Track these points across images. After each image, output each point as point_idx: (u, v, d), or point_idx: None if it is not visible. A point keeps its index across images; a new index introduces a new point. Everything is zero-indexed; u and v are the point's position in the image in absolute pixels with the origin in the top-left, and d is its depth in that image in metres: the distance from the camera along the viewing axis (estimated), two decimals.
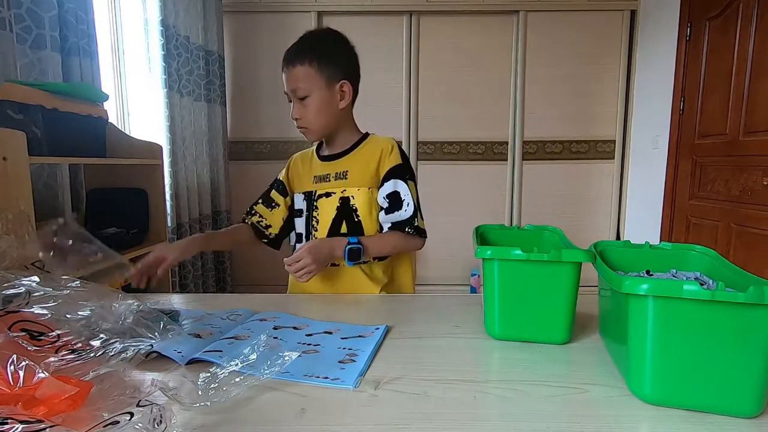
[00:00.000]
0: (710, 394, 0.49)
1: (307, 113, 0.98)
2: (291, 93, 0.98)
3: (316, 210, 1.05)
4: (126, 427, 0.35)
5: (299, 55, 0.96)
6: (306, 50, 0.97)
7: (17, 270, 0.77)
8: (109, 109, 1.64)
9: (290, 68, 0.97)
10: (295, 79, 0.96)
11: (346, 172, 1.04)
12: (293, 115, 0.99)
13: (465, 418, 0.49)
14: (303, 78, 0.96)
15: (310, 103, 0.97)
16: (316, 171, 1.08)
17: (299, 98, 0.97)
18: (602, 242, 0.73)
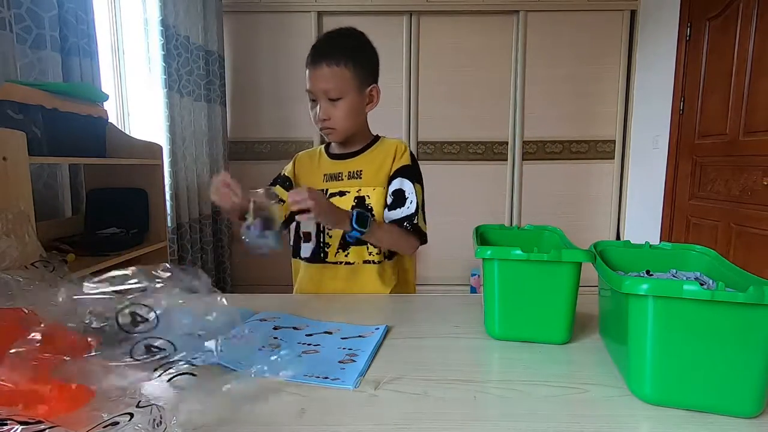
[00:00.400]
0: (710, 394, 0.49)
1: (336, 115, 0.96)
2: (320, 93, 0.94)
3: None
4: (126, 427, 0.35)
5: (333, 56, 0.93)
6: (341, 51, 0.94)
7: (19, 270, 0.77)
8: (109, 109, 1.64)
9: (321, 67, 0.93)
10: (328, 79, 0.93)
11: (360, 172, 1.03)
12: (321, 115, 0.95)
13: (465, 418, 0.49)
14: (337, 79, 0.94)
15: (341, 105, 0.95)
16: (326, 169, 1.06)
17: (330, 99, 0.95)
18: (602, 242, 0.73)
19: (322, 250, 1.04)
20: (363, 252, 1.02)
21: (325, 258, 1.03)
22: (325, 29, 2.87)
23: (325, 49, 0.95)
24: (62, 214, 1.58)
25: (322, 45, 0.96)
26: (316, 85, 0.95)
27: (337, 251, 1.03)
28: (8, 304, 0.65)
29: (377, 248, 1.02)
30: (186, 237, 2.36)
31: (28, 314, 0.60)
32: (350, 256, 1.02)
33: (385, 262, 1.04)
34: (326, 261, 1.03)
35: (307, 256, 1.05)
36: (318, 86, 0.94)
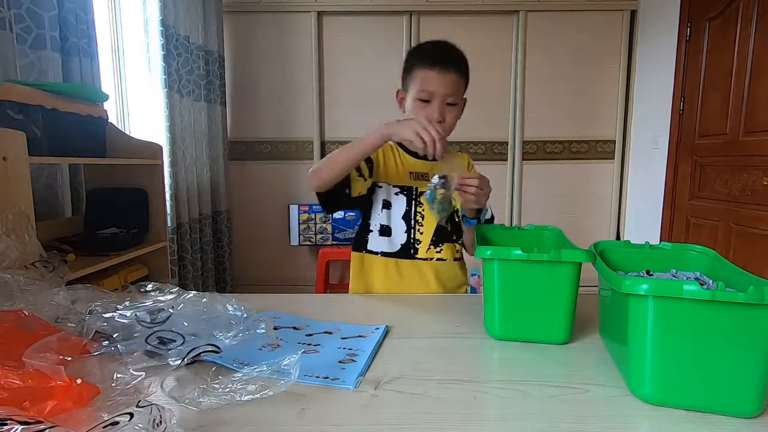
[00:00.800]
0: (710, 394, 0.49)
1: (449, 119, 1.00)
2: (442, 96, 0.97)
3: (420, 206, 1.06)
4: (126, 427, 0.35)
5: (459, 65, 0.98)
6: (463, 62, 1.00)
7: (19, 270, 0.77)
8: (109, 109, 1.64)
9: (450, 73, 0.97)
10: (452, 85, 0.97)
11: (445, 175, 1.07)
12: (438, 116, 0.97)
13: (465, 418, 0.49)
14: (458, 87, 0.99)
15: (454, 111, 1.00)
16: (411, 167, 1.08)
17: (447, 104, 0.98)
18: (602, 242, 0.73)
19: (413, 246, 1.06)
20: (452, 250, 1.08)
21: (415, 254, 1.06)
22: (325, 29, 2.90)
23: (454, 57, 0.99)
24: (62, 214, 1.58)
25: (450, 52, 1.00)
26: (440, 87, 0.97)
27: (429, 247, 1.06)
28: (8, 304, 0.65)
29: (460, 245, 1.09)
30: (186, 237, 2.36)
31: (28, 315, 0.60)
32: (443, 252, 1.07)
33: (462, 262, 1.12)
34: (416, 257, 1.06)
35: (394, 251, 1.06)
36: (443, 89, 0.97)
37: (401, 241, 1.06)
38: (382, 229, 1.07)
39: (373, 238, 1.08)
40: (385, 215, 1.07)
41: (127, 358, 0.53)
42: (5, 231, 0.88)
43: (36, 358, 0.46)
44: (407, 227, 1.06)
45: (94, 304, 0.66)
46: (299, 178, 3.02)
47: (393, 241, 1.06)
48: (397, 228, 1.06)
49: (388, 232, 1.07)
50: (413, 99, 1.00)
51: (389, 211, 1.07)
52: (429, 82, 0.97)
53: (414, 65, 1.00)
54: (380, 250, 1.07)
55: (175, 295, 0.67)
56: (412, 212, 1.06)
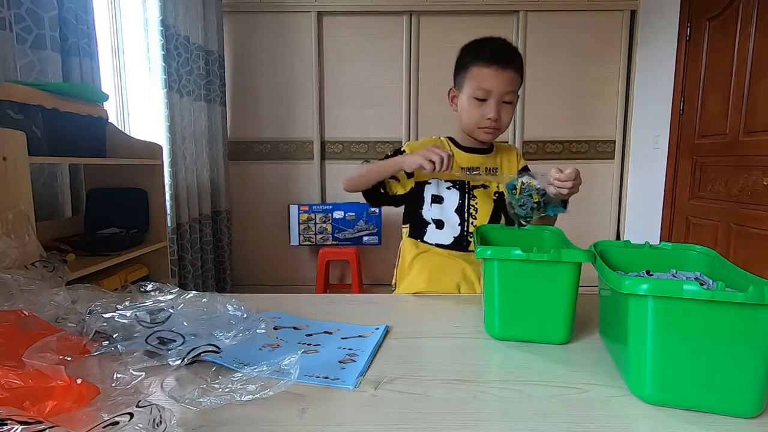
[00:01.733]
0: (710, 394, 0.49)
1: (505, 117, 1.01)
2: (500, 94, 0.98)
3: (474, 199, 1.08)
4: (126, 427, 0.35)
5: (516, 64, 0.99)
6: (518, 60, 1.00)
7: (19, 270, 0.77)
8: (109, 109, 1.64)
9: (509, 71, 0.98)
10: (510, 83, 0.98)
11: (495, 168, 1.11)
12: (493, 115, 0.99)
13: (465, 418, 0.49)
14: (515, 85, 1.00)
15: (510, 109, 1.01)
16: (462, 162, 1.09)
17: (504, 101, 0.99)
18: (602, 242, 0.73)
19: (465, 238, 1.07)
20: None
21: (468, 246, 1.07)
22: (325, 29, 2.90)
23: (511, 55, 1.00)
24: (62, 214, 1.58)
25: (508, 50, 1.01)
26: (499, 85, 0.98)
27: None
28: (8, 304, 0.65)
29: None
30: (186, 237, 2.36)
31: (28, 315, 0.60)
32: None
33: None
34: (468, 250, 1.07)
35: (448, 243, 1.07)
36: (501, 87, 0.98)
37: (455, 234, 1.07)
38: (435, 222, 1.09)
39: (430, 230, 1.09)
40: (437, 209, 1.08)
41: (127, 358, 0.53)
42: (5, 231, 0.88)
43: (36, 358, 0.46)
44: (461, 220, 1.07)
45: (94, 304, 0.66)
46: (299, 178, 3.02)
47: (446, 233, 1.08)
48: (450, 221, 1.08)
49: (440, 225, 1.08)
50: (468, 97, 1.01)
51: (441, 205, 1.08)
52: (486, 79, 0.98)
53: (470, 63, 1.01)
54: (435, 242, 1.08)
55: (175, 295, 0.67)
56: (466, 205, 1.07)
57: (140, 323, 0.59)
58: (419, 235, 1.10)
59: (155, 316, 0.61)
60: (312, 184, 3.00)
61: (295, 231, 2.89)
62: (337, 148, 3.00)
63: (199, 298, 0.66)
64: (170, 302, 0.64)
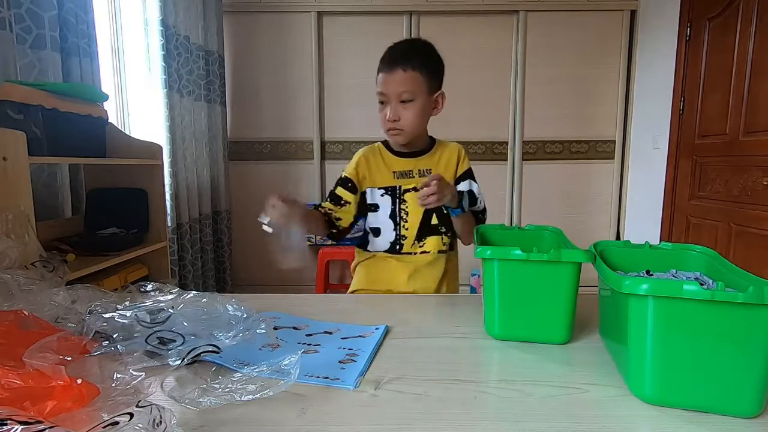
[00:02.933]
0: (710, 394, 0.49)
1: (406, 117, 1.01)
2: (393, 95, 0.99)
3: (404, 203, 1.10)
4: (126, 427, 0.35)
5: (409, 61, 0.99)
6: (415, 57, 1.00)
7: (19, 270, 0.77)
8: (109, 109, 1.64)
9: (397, 71, 0.99)
10: (402, 83, 0.99)
11: (430, 170, 1.11)
12: (390, 116, 1.00)
13: (465, 418, 0.49)
14: (411, 82, 0.99)
15: (411, 107, 1.01)
16: (394, 166, 1.11)
17: (402, 101, 1.00)
18: (602, 242, 0.73)
19: (398, 242, 1.09)
20: (438, 242, 1.10)
21: (401, 249, 1.09)
22: (325, 29, 2.90)
23: (401, 55, 1.01)
24: (62, 214, 1.58)
25: (398, 51, 1.02)
26: (390, 87, 1.00)
27: (413, 243, 1.09)
28: (8, 305, 0.65)
29: (448, 238, 1.11)
30: (186, 237, 2.36)
31: (28, 316, 0.60)
32: (426, 246, 1.09)
33: (450, 253, 1.13)
34: (402, 252, 1.09)
35: (385, 249, 1.11)
36: (392, 89, 1.00)
37: (390, 239, 1.10)
38: (373, 231, 1.13)
39: (370, 239, 1.14)
40: (373, 217, 1.12)
41: (127, 358, 0.53)
42: (5, 231, 0.88)
43: (36, 358, 0.46)
44: (394, 225, 1.10)
45: (94, 304, 0.66)
46: (299, 178, 3.02)
47: (382, 240, 1.11)
48: (385, 227, 1.11)
49: (377, 232, 1.12)
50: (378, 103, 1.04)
51: (376, 213, 1.11)
52: (381, 83, 1.01)
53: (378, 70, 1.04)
54: (374, 250, 1.12)
55: (175, 295, 0.67)
56: (397, 210, 1.10)
57: (140, 323, 0.59)
58: (363, 244, 1.15)
59: (155, 316, 0.61)
60: (312, 184, 3.00)
61: (295, 232, 2.88)
62: (337, 148, 3.00)
63: (199, 298, 0.66)
64: (170, 302, 0.64)
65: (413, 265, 1.09)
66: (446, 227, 1.10)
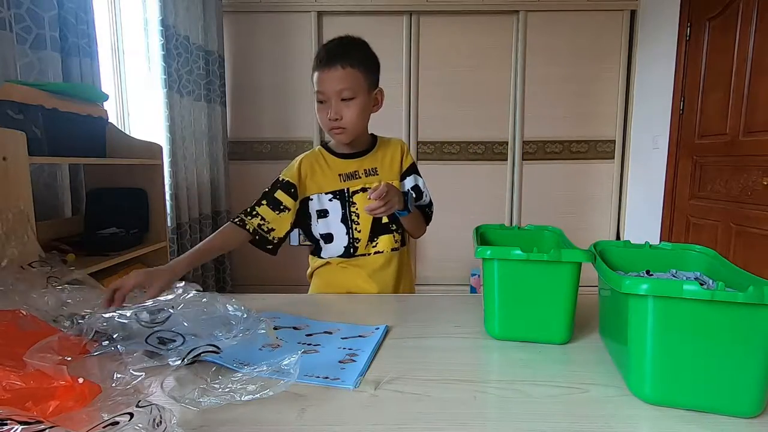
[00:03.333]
0: (710, 394, 0.49)
1: (348, 115, 0.98)
2: (333, 93, 0.97)
3: (353, 206, 1.07)
4: (126, 427, 0.35)
5: (347, 58, 0.97)
6: (352, 54, 0.98)
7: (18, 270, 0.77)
8: (109, 109, 1.64)
9: (336, 69, 0.96)
10: (342, 80, 0.96)
11: (375, 168, 1.09)
12: (333, 115, 0.97)
13: (465, 418, 0.49)
14: (351, 80, 0.97)
15: (353, 105, 0.98)
16: (339, 169, 1.09)
17: (343, 99, 0.97)
18: (602, 242, 0.73)
19: (352, 245, 1.07)
20: (390, 240, 1.09)
21: (355, 252, 1.07)
22: (325, 29, 2.90)
23: (338, 52, 0.98)
24: (62, 214, 1.58)
25: (334, 48, 0.99)
26: (329, 85, 0.97)
27: (367, 244, 1.08)
28: (6, 305, 0.65)
29: (399, 234, 1.10)
30: (186, 237, 2.36)
31: (26, 315, 0.60)
32: (379, 245, 1.08)
33: (402, 249, 1.12)
34: (356, 255, 1.07)
35: (340, 254, 1.08)
36: (331, 87, 0.97)
37: (343, 244, 1.07)
38: (323, 237, 1.09)
39: (322, 246, 1.10)
40: (323, 224, 1.08)
41: (127, 358, 0.53)
42: (5, 231, 0.88)
43: (37, 358, 0.46)
44: (346, 229, 1.07)
45: (94, 304, 0.66)
46: None
47: (336, 245, 1.08)
48: (337, 232, 1.08)
49: (330, 238, 1.08)
50: (316, 102, 1.02)
51: (326, 219, 1.08)
52: (319, 82, 0.99)
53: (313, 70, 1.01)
54: (335, 255, 1.08)
55: (175, 295, 0.67)
56: (348, 213, 1.07)
57: (140, 323, 0.59)
58: (316, 251, 1.12)
59: (155, 316, 0.61)
60: None
61: (295, 231, 2.88)
62: None
63: (199, 298, 0.66)
64: (170, 302, 0.64)
65: (369, 267, 1.07)
66: (396, 224, 1.09)
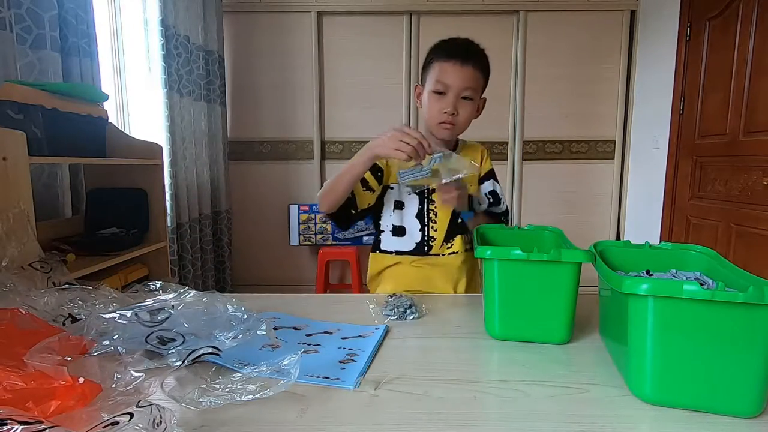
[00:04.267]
0: (710, 394, 0.49)
1: (463, 113, 1.00)
2: (458, 89, 0.97)
3: (432, 203, 1.07)
4: (126, 427, 0.35)
5: (479, 61, 0.99)
6: (482, 59, 1.01)
7: (18, 270, 0.77)
8: (109, 109, 1.64)
9: (468, 67, 0.97)
10: (470, 79, 0.98)
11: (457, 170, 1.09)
12: (451, 109, 0.97)
13: (465, 418, 0.49)
14: (476, 81, 0.99)
15: (469, 106, 1.00)
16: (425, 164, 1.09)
17: (463, 97, 0.98)
18: (602, 242, 0.73)
19: (427, 243, 1.07)
20: (463, 241, 1.09)
21: (429, 251, 1.07)
22: (325, 29, 2.90)
23: (474, 51, 1.00)
24: (62, 214, 1.58)
25: (470, 46, 1.01)
26: (457, 80, 0.97)
27: (442, 243, 1.07)
28: (6, 305, 0.65)
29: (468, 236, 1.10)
30: (186, 237, 2.36)
31: (25, 314, 0.60)
32: (454, 246, 1.08)
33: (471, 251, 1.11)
34: (430, 254, 1.06)
35: (408, 249, 1.07)
36: (459, 82, 0.97)
37: (416, 240, 1.07)
38: (394, 229, 1.08)
39: (385, 238, 1.09)
40: (398, 216, 1.08)
41: (127, 358, 0.53)
42: (5, 231, 0.88)
43: (38, 359, 0.46)
44: (421, 226, 1.07)
45: (94, 303, 0.66)
46: (299, 178, 3.02)
47: (407, 240, 1.07)
48: (410, 227, 1.07)
49: (401, 232, 1.08)
50: (429, 92, 1.01)
51: (402, 211, 1.07)
52: (445, 74, 0.98)
53: (433, 59, 1.01)
54: (394, 250, 1.08)
55: (176, 294, 0.67)
56: (425, 210, 1.07)
57: (140, 323, 0.59)
58: (376, 246, 1.11)
59: (155, 316, 0.61)
60: (312, 184, 3.00)
61: (295, 231, 2.89)
62: (337, 148, 3.00)
63: (199, 298, 0.66)
64: (170, 302, 0.64)
65: (446, 266, 1.07)
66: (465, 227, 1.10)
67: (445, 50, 1.00)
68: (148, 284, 0.73)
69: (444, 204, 0.97)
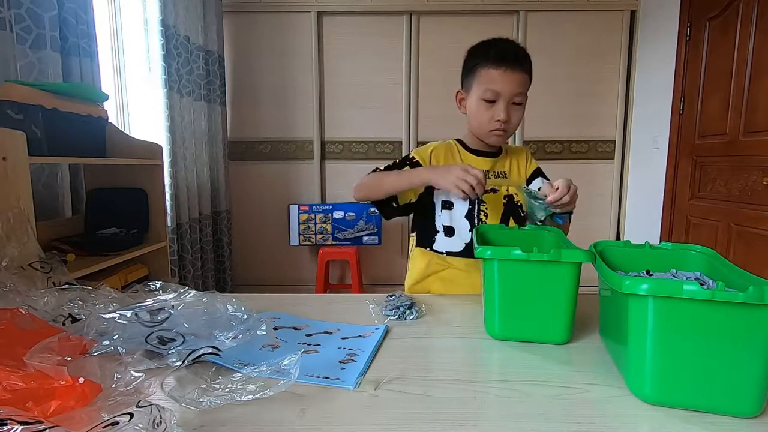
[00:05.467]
0: (710, 394, 0.49)
1: (514, 119, 0.99)
2: (510, 95, 0.97)
3: (483, 204, 1.06)
4: (126, 427, 0.35)
5: (526, 64, 0.98)
6: (526, 60, 1.00)
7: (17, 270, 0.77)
8: (109, 109, 1.64)
9: (517, 72, 0.97)
10: (521, 84, 0.98)
11: (504, 172, 1.09)
12: (504, 117, 0.96)
13: (465, 418, 0.49)
14: (525, 85, 0.99)
15: (520, 110, 1.00)
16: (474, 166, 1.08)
17: (513, 103, 0.98)
18: (602, 242, 0.73)
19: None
20: None
21: None
22: (325, 29, 2.90)
23: (521, 55, 0.99)
24: (62, 214, 1.58)
25: (518, 51, 1.00)
26: (509, 87, 0.96)
27: None
28: (6, 305, 0.65)
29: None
30: (186, 237, 2.36)
31: (25, 314, 0.60)
32: None
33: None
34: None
35: (458, 250, 1.05)
36: (511, 89, 0.97)
37: (465, 241, 1.05)
38: (445, 229, 1.06)
39: (439, 238, 1.07)
40: (447, 215, 1.06)
41: (127, 359, 0.53)
42: (5, 231, 0.88)
43: (38, 359, 0.46)
44: (471, 226, 1.05)
45: (94, 303, 0.66)
46: (299, 178, 3.02)
47: (456, 240, 1.05)
48: (460, 228, 1.05)
49: (451, 232, 1.06)
50: (477, 99, 1.00)
51: (450, 211, 1.06)
52: (494, 81, 0.96)
53: (478, 64, 1.00)
54: (445, 250, 1.06)
55: (176, 294, 0.67)
56: (476, 211, 1.05)
57: (140, 323, 0.59)
58: (428, 243, 1.08)
59: (155, 316, 0.61)
60: (312, 184, 3.00)
61: (295, 231, 2.88)
62: (337, 148, 3.00)
63: (200, 298, 0.66)
64: (170, 302, 0.64)
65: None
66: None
67: (493, 56, 0.97)
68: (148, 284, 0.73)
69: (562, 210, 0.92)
